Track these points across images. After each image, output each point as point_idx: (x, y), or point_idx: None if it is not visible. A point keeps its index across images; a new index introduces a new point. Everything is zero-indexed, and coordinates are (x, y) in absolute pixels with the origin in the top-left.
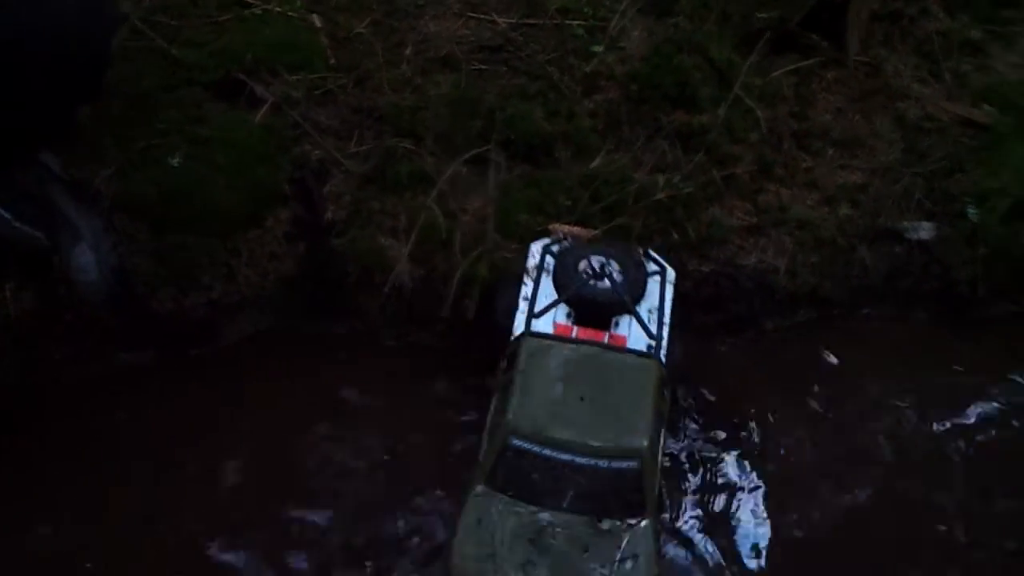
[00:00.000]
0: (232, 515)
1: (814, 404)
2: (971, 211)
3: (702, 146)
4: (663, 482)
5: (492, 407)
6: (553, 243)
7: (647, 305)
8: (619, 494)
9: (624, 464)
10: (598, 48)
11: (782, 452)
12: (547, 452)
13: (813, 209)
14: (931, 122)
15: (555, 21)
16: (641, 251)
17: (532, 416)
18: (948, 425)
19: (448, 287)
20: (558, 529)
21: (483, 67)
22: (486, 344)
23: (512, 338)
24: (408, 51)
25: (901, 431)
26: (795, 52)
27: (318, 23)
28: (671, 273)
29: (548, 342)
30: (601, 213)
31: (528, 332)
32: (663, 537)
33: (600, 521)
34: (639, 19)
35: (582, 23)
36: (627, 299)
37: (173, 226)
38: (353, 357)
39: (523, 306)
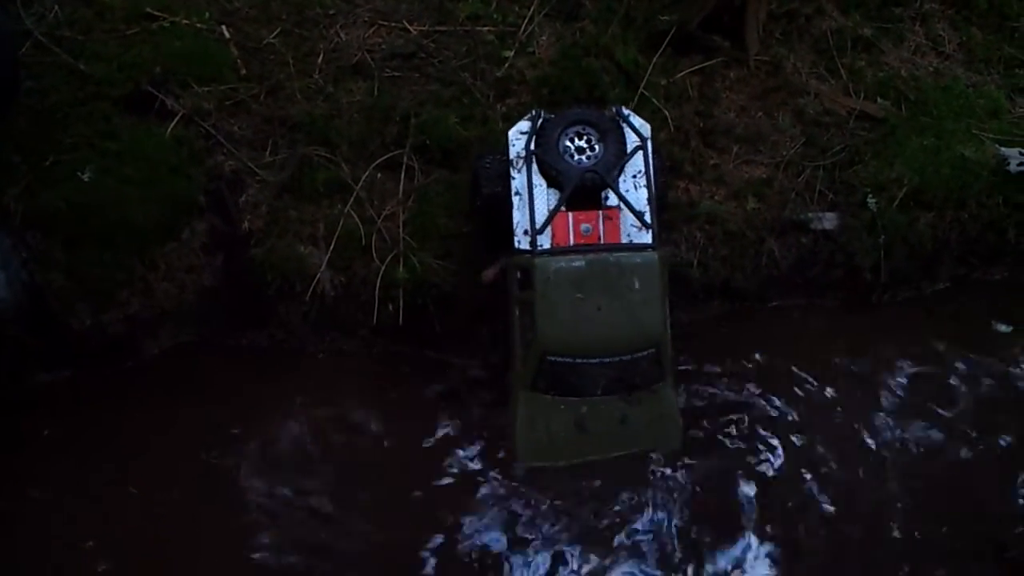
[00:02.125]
0: (162, 534)
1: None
2: (871, 200)
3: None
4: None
5: (515, 319)
6: (523, 129)
7: (631, 171)
8: (643, 373)
9: (645, 352)
10: (509, 53)
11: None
12: (578, 361)
13: (721, 204)
14: (829, 116)
15: (466, 28)
16: (615, 111)
17: (559, 334)
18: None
19: (371, 293)
20: (598, 411)
21: (396, 74)
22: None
23: (517, 244)
24: (320, 60)
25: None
26: (698, 53)
27: (227, 34)
28: (647, 130)
29: (557, 261)
30: None
31: (537, 252)
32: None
33: (630, 395)
34: (547, 24)
35: (492, 29)
36: (612, 183)
37: (87, 241)
38: (276, 367)
39: (517, 203)
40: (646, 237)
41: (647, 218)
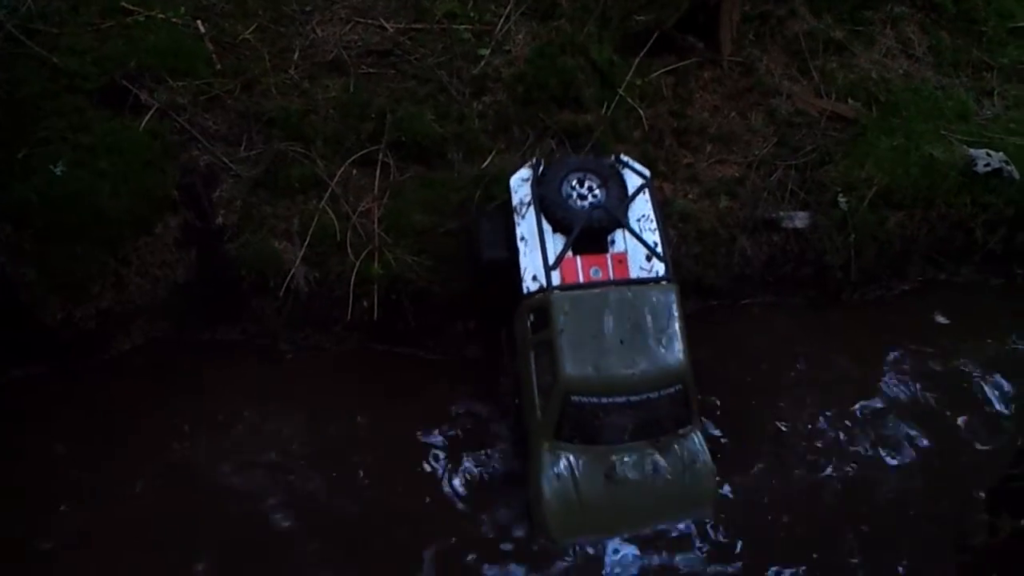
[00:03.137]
0: (136, 527)
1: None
2: (841, 200)
3: (588, 144)
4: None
5: (530, 364)
6: (524, 176)
7: (635, 215)
8: (670, 414)
9: (671, 389)
10: (485, 51)
11: None
12: (604, 400)
13: (695, 202)
14: (801, 117)
15: (442, 25)
16: (615, 159)
17: (582, 372)
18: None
19: (345, 289)
20: (627, 459)
21: (372, 71)
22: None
23: (525, 290)
24: (295, 56)
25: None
26: (672, 53)
27: (203, 29)
28: (647, 172)
29: (574, 294)
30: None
31: (552, 288)
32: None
33: (659, 440)
34: (523, 22)
35: (468, 27)
36: (621, 218)
37: (59, 235)
38: (249, 363)
39: (524, 248)
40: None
41: (660, 251)
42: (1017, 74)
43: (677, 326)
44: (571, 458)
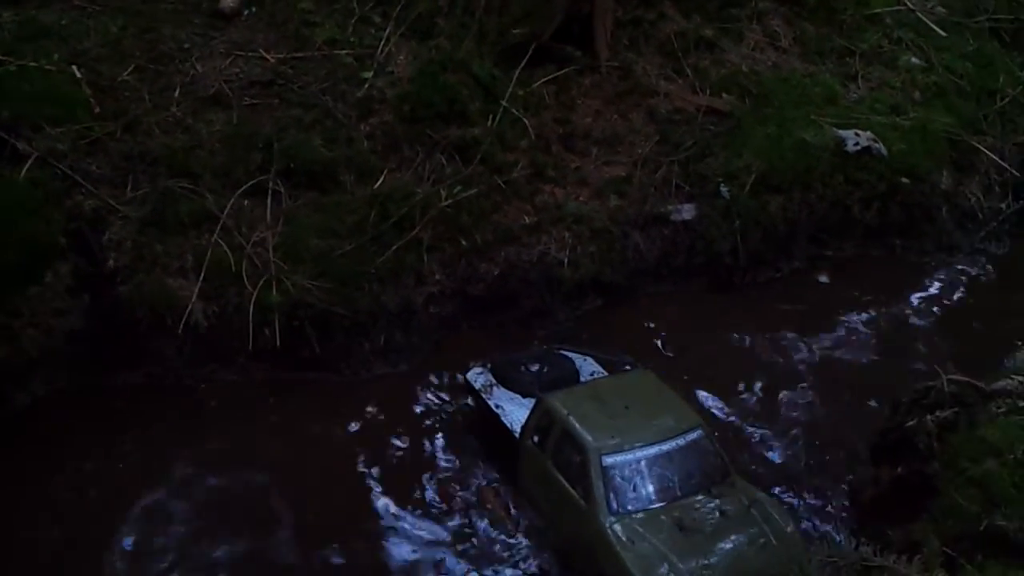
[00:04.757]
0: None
1: None
2: (723, 189)
3: (477, 156)
4: None
5: (552, 472)
6: (478, 371)
7: (585, 373)
8: (707, 463)
9: (693, 435)
10: (368, 74)
11: None
12: (636, 454)
13: (586, 203)
14: (680, 114)
15: (323, 52)
16: (544, 348)
17: (604, 433)
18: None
19: (245, 320)
20: (691, 510)
21: (256, 102)
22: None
23: (519, 433)
24: (176, 93)
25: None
26: (552, 63)
27: (79, 74)
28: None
29: (565, 391)
30: (392, 229)
31: (542, 397)
32: None
33: (712, 490)
34: (403, 44)
35: (350, 52)
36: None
37: None
38: (155, 404)
39: (502, 413)
40: None
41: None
42: (877, 57)
43: (672, 393)
44: (636, 525)
